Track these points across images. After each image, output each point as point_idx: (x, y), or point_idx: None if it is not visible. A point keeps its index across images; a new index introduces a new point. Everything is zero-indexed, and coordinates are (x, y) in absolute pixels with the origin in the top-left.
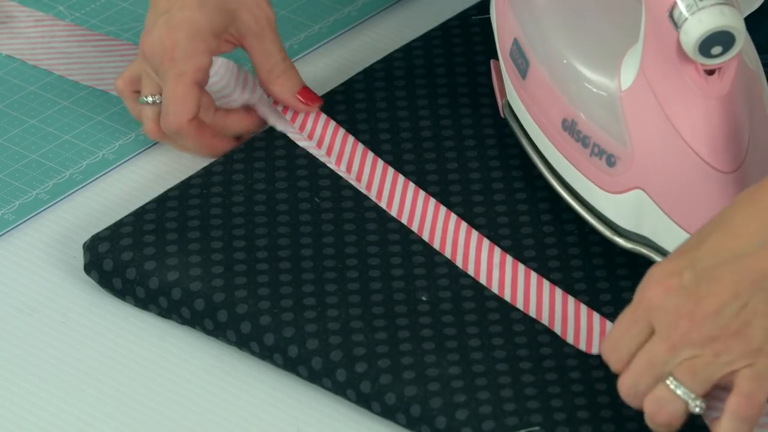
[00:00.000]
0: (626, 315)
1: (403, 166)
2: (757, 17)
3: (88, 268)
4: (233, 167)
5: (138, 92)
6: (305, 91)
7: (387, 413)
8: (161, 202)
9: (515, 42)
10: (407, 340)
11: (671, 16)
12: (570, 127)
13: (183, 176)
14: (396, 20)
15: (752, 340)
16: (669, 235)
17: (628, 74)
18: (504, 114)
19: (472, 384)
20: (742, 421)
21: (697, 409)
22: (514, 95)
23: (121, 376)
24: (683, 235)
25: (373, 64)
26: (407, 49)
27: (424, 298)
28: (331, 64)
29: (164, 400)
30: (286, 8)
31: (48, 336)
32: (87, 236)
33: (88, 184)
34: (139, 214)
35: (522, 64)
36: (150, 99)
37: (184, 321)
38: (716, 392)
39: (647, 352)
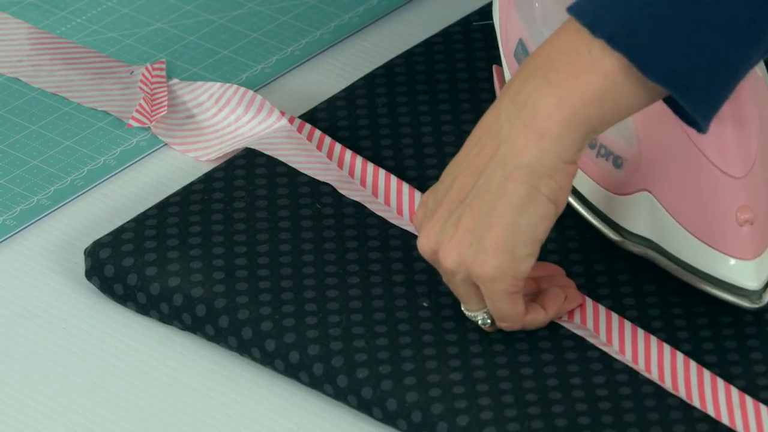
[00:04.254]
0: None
1: (405, 171)
2: None
3: (90, 274)
4: (234, 173)
5: None
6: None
7: (388, 419)
8: (162, 208)
9: (520, 42)
10: (408, 346)
11: None
12: None
13: (184, 182)
14: (397, 26)
15: (464, 259)
16: (675, 238)
17: None
18: None
19: (473, 390)
20: (500, 320)
21: (479, 320)
22: None
23: (122, 381)
24: (690, 239)
25: (375, 70)
26: (408, 55)
27: (425, 304)
28: (332, 70)
29: (165, 406)
30: (288, 14)
31: (49, 342)
32: (88, 242)
33: (89, 189)
34: (140, 220)
35: None
36: (480, 318)
37: (185, 327)
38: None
39: (442, 208)
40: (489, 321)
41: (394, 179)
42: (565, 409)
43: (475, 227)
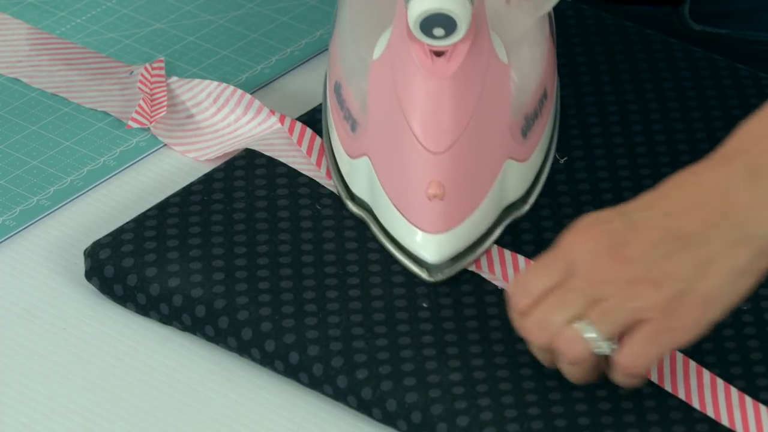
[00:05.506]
0: (545, 257)
1: None
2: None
3: (89, 275)
4: (234, 173)
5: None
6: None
7: (388, 420)
8: (162, 208)
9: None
10: (408, 346)
11: None
12: (337, 89)
13: (184, 183)
14: None
15: (664, 294)
16: (381, 205)
17: (381, 45)
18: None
19: (473, 390)
20: (628, 377)
21: (605, 349)
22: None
23: (122, 382)
24: (390, 207)
25: None
26: None
27: (425, 305)
28: None
29: (165, 406)
30: (287, 15)
31: (49, 342)
32: (88, 243)
33: (89, 190)
34: (140, 221)
35: (333, 25)
36: (607, 347)
37: (185, 327)
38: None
39: (563, 288)
40: (613, 347)
41: None
42: (565, 410)
43: (686, 271)
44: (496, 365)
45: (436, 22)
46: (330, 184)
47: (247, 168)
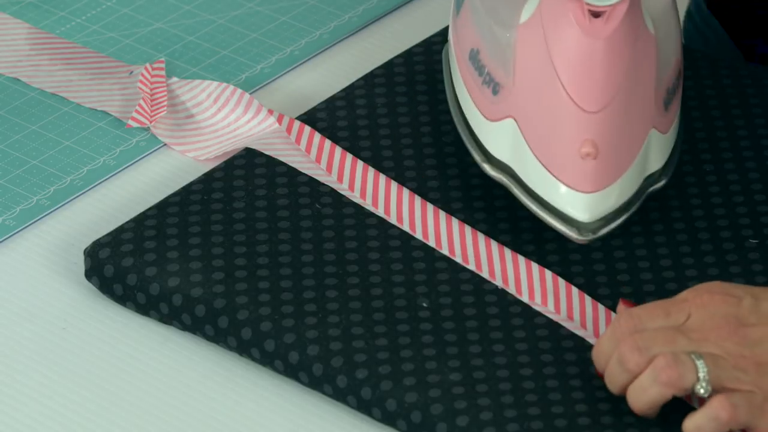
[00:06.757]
0: (664, 301)
1: (404, 172)
2: None
3: (89, 274)
4: (234, 173)
5: None
6: None
7: (388, 419)
8: (162, 208)
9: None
10: (408, 346)
11: None
12: (474, 56)
13: (184, 182)
14: (397, 26)
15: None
16: (527, 165)
17: (529, 9)
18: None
19: (472, 390)
20: (714, 420)
21: (702, 391)
22: (450, 37)
23: (122, 382)
24: (538, 167)
25: (374, 70)
26: (408, 55)
27: (424, 305)
28: (332, 69)
29: (165, 406)
30: (287, 14)
31: (48, 342)
32: (88, 242)
33: (88, 190)
34: (139, 220)
35: (459, 1)
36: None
37: (184, 327)
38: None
39: (676, 330)
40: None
41: (394, 185)
42: (565, 410)
43: None
44: (495, 365)
45: None
46: (331, 180)
47: (247, 167)
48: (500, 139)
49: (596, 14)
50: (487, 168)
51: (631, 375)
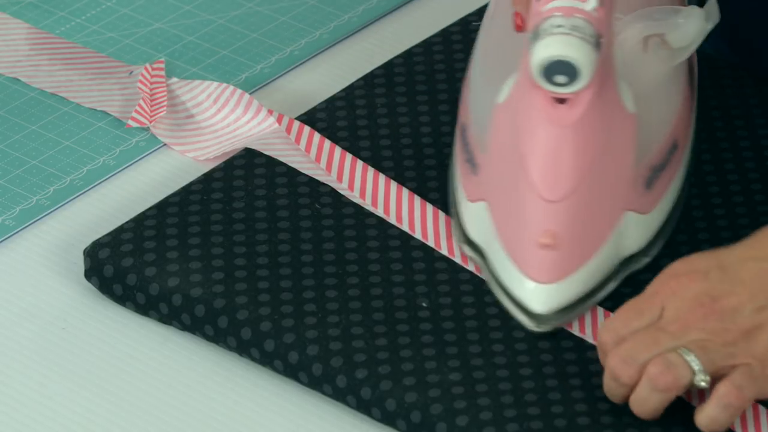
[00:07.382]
0: (635, 301)
1: (404, 172)
2: None
3: (89, 274)
4: (233, 173)
5: None
6: None
7: (387, 419)
8: (162, 208)
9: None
10: (408, 346)
11: (533, 37)
12: (463, 131)
13: (183, 182)
14: (396, 26)
15: (758, 345)
16: (493, 250)
17: (507, 90)
18: None
19: (472, 390)
20: (725, 407)
21: (703, 383)
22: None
23: (122, 382)
24: (501, 254)
25: (374, 70)
26: (408, 55)
27: (424, 305)
28: (331, 70)
29: (165, 406)
30: (287, 14)
31: (48, 342)
32: (87, 242)
33: (88, 190)
34: (139, 220)
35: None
36: (704, 382)
37: (184, 327)
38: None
39: (653, 328)
40: (708, 381)
41: (394, 185)
42: (565, 409)
43: None
44: (495, 365)
45: (559, 69)
46: (330, 180)
47: (247, 167)
48: (475, 220)
49: (561, 101)
50: (465, 248)
51: (628, 387)
